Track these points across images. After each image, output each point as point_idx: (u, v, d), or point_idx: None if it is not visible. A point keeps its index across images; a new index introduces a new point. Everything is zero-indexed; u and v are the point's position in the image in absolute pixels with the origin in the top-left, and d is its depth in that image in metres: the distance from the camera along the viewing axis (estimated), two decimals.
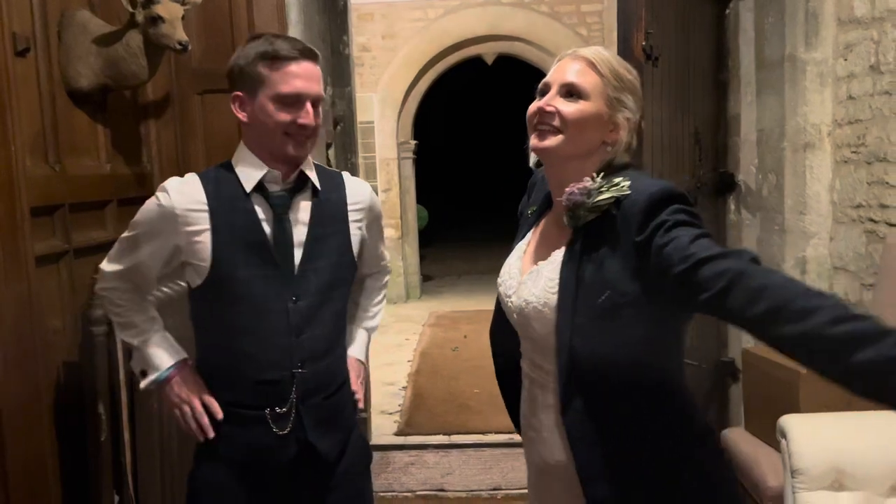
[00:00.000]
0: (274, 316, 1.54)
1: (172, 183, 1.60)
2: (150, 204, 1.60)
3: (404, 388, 5.15)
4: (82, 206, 2.37)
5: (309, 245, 1.58)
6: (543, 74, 1.51)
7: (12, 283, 1.92)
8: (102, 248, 2.42)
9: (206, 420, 1.56)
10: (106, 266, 1.71)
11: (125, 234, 1.66)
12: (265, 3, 2.92)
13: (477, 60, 8.47)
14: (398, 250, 8.44)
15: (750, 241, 3.38)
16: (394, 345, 6.41)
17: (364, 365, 1.84)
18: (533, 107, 1.37)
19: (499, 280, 1.47)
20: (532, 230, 1.47)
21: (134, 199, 2.70)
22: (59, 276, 2.24)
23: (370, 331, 1.90)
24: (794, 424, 1.85)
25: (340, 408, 1.65)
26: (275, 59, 1.52)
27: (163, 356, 1.64)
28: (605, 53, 1.35)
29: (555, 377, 1.32)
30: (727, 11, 3.40)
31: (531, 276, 1.37)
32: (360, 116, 7.83)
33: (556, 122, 1.32)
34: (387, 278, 1.97)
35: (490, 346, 1.58)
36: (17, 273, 1.94)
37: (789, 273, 3.12)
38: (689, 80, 2.69)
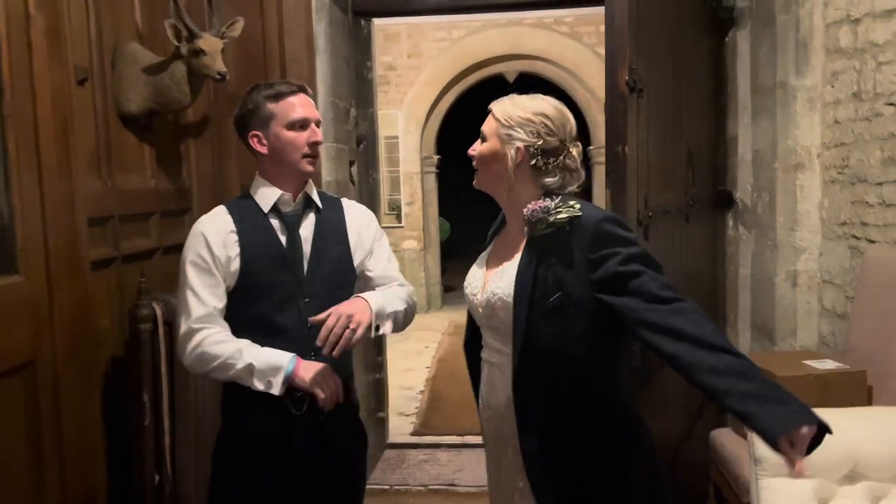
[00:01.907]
0: (290, 313, 1.81)
1: (205, 226, 1.85)
2: (198, 246, 1.82)
3: (421, 392, 5.41)
4: (130, 217, 2.62)
5: (313, 254, 1.87)
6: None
7: (72, 286, 2.18)
8: (147, 255, 2.72)
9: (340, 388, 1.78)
10: (189, 323, 1.82)
11: (188, 286, 1.82)
12: (295, 33, 3.18)
13: (499, 78, 8.72)
14: (420, 262, 8.70)
15: (746, 256, 3.59)
16: (414, 352, 6.67)
17: (368, 305, 1.76)
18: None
19: (465, 284, 1.78)
20: (491, 245, 1.80)
21: (175, 211, 2.98)
22: (108, 280, 2.49)
23: (390, 302, 1.85)
24: None
25: (346, 396, 1.91)
26: (278, 96, 1.86)
27: (275, 356, 1.75)
28: (506, 102, 1.68)
29: (510, 359, 1.62)
30: (726, 40, 3.63)
31: (497, 274, 1.67)
32: (386, 132, 8.16)
33: (475, 163, 1.70)
34: (405, 288, 1.98)
35: (464, 355, 1.88)
36: (76, 277, 2.21)
37: (781, 286, 3.33)
38: (680, 107, 2.91)
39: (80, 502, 2.19)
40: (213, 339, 1.78)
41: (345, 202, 2.02)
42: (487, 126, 1.67)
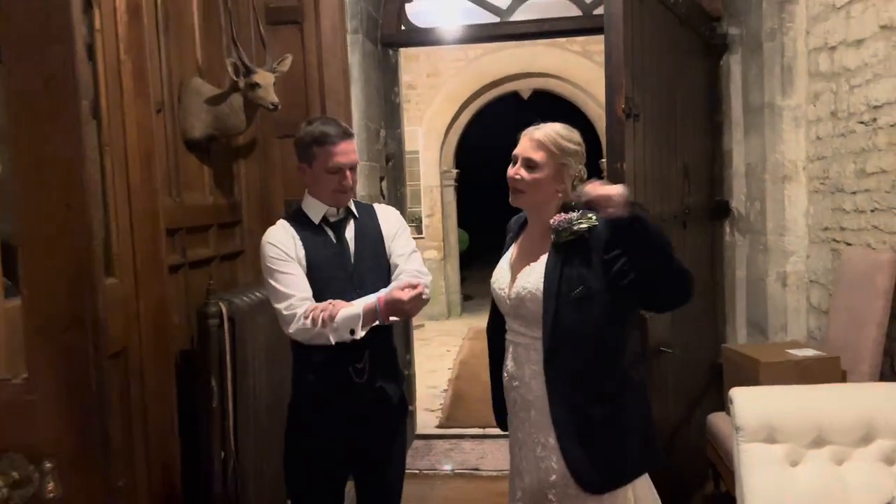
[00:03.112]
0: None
1: (276, 235, 2.25)
2: (270, 251, 2.22)
3: (445, 390, 5.78)
4: (194, 229, 3.01)
5: (357, 252, 2.28)
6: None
7: (154, 287, 2.56)
8: (207, 262, 3.11)
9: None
10: (285, 311, 2.15)
11: (274, 281, 2.20)
12: (333, 65, 3.57)
13: (514, 95, 9.10)
14: (441, 271, 9.06)
15: (741, 259, 3.93)
16: (437, 355, 7.06)
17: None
18: (510, 174, 2.04)
19: (492, 280, 2.15)
20: (512, 247, 2.17)
21: (229, 223, 3.37)
22: (178, 283, 2.88)
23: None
24: (738, 393, 2.41)
25: (394, 365, 2.34)
26: (324, 142, 2.23)
27: (354, 309, 2.08)
28: (552, 133, 1.99)
29: (539, 341, 1.98)
30: (721, 64, 3.99)
31: (525, 272, 2.04)
32: (407, 147, 8.52)
33: (521, 186, 2.02)
34: (419, 276, 2.25)
35: (487, 337, 2.26)
36: (157, 279, 2.59)
37: (772, 286, 3.67)
38: (675, 127, 3.26)
39: (160, 468, 2.58)
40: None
41: (376, 206, 2.45)
42: (540, 155, 1.98)
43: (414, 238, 2.43)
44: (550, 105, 8.85)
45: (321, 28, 3.57)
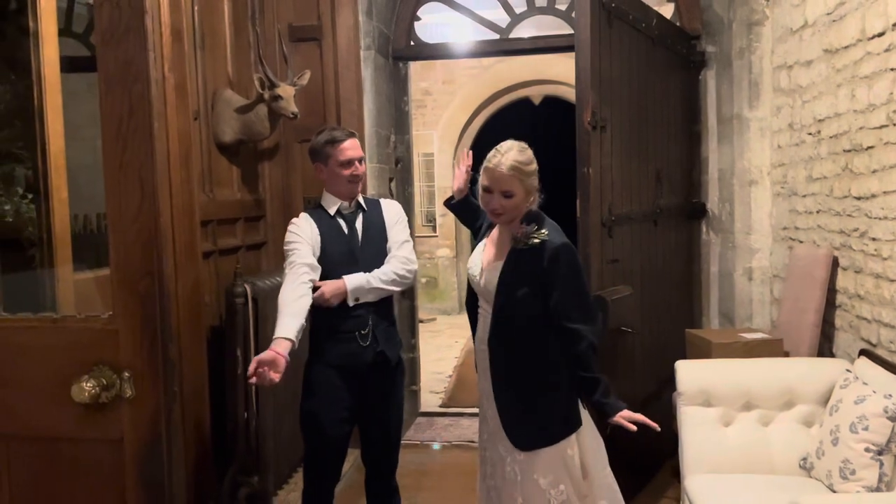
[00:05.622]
0: None
1: (298, 221, 2.74)
2: (289, 237, 2.70)
3: (450, 376, 6.22)
4: (224, 221, 3.47)
5: (363, 239, 2.75)
6: None
7: (190, 270, 3.01)
8: (234, 251, 3.57)
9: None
10: (286, 268, 2.65)
11: (287, 251, 2.68)
12: (347, 78, 4.02)
13: (525, 101, 9.50)
14: (453, 268, 9.49)
15: (714, 256, 4.32)
16: (445, 345, 7.50)
17: (344, 283, 2.61)
18: (492, 205, 2.40)
19: (468, 264, 2.59)
20: (485, 239, 2.59)
21: (254, 217, 3.83)
22: (209, 268, 3.34)
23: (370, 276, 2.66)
24: (682, 364, 2.83)
25: (394, 334, 2.79)
26: (334, 143, 2.72)
27: (280, 330, 2.55)
28: (514, 162, 2.36)
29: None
30: (700, 77, 4.39)
31: (494, 267, 2.46)
32: (423, 149, 8.97)
33: (502, 211, 2.38)
34: (404, 267, 2.71)
35: (466, 309, 2.69)
36: (193, 265, 3.01)
37: (739, 280, 4.06)
38: (648, 136, 3.67)
39: (193, 425, 3.01)
40: (287, 289, 2.61)
41: (382, 201, 2.91)
42: (513, 184, 2.34)
43: (428, 236, 2.81)
44: (560, 110, 9.25)
45: (337, 45, 4.02)
